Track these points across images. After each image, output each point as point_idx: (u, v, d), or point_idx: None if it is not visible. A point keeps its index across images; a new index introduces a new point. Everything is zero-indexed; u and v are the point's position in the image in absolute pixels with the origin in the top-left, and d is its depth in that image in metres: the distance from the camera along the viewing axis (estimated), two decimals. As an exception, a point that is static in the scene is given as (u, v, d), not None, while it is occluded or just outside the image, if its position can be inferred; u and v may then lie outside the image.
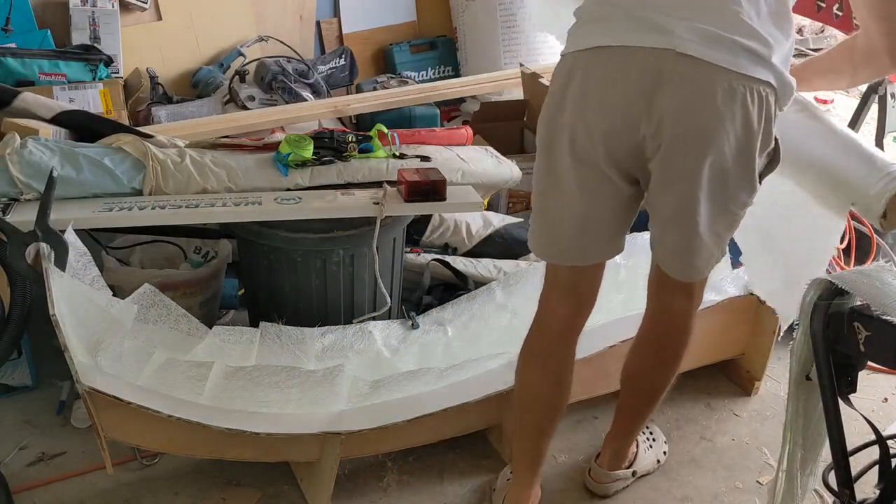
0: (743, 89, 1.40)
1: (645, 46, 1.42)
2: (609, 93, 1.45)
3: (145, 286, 1.97)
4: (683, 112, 1.41)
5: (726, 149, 1.43)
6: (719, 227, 1.53)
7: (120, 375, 1.67)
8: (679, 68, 1.40)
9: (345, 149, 2.29)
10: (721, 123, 1.41)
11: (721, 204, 1.50)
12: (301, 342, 2.09)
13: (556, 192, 1.55)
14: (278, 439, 1.74)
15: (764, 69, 1.42)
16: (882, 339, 1.27)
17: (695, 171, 1.45)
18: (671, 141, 1.44)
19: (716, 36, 1.40)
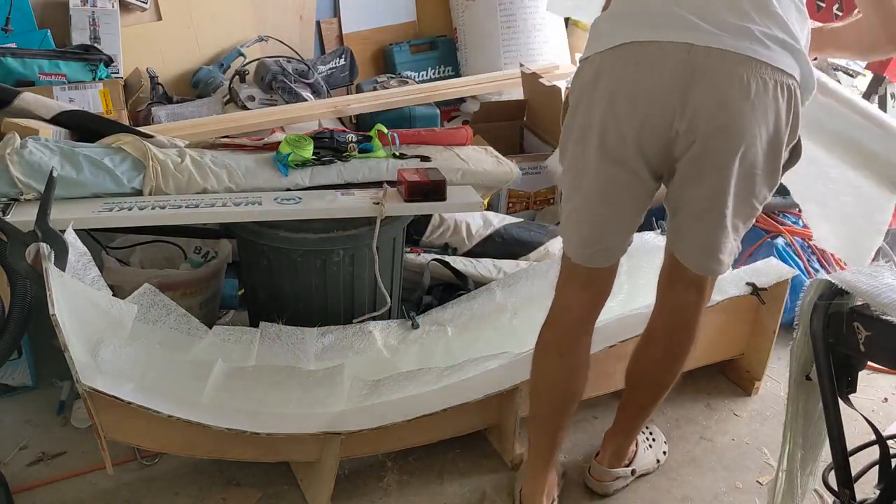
0: (774, 82, 1.42)
1: (676, 41, 1.43)
2: (641, 88, 1.46)
3: (145, 286, 1.97)
4: (718, 106, 1.43)
5: (758, 142, 1.44)
6: (739, 220, 1.54)
7: (120, 375, 1.67)
8: (712, 63, 1.41)
9: (345, 149, 2.29)
10: (754, 117, 1.43)
11: (745, 198, 1.51)
12: (301, 342, 2.09)
13: (583, 195, 1.57)
14: (278, 439, 1.74)
15: (793, 61, 1.44)
16: (882, 339, 1.27)
17: (727, 166, 1.46)
18: (705, 135, 1.45)
19: (746, 29, 1.41)
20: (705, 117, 1.43)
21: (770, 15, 1.43)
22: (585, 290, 1.66)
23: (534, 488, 1.80)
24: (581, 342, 1.69)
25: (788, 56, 1.43)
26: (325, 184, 2.21)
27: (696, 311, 1.70)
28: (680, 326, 1.72)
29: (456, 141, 2.52)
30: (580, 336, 1.69)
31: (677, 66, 1.43)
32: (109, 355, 1.70)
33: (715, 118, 1.43)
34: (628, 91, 1.47)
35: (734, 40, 1.41)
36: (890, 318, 1.25)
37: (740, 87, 1.41)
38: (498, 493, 1.92)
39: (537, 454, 1.78)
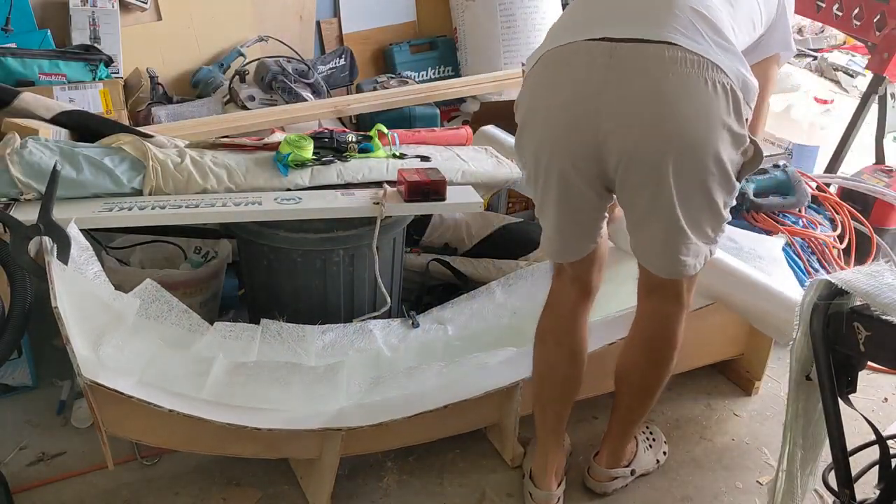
0: (707, 79, 1.38)
1: (587, 39, 1.44)
2: (561, 97, 1.49)
3: (147, 281, 1.97)
4: (637, 102, 1.41)
5: (691, 141, 1.41)
6: (699, 222, 1.52)
7: (121, 370, 1.67)
8: (634, 59, 1.40)
9: (345, 149, 2.29)
10: (684, 114, 1.40)
11: (696, 199, 1.48)
12: (302, 339, 2.10)
13: (539, 200, 1.64)
14: (279, 435, 1.74)
15: (727, 58, 1.40)
16: (882, 339, 1.27)
17: (658, 166, 1.44)
18: (631, 136, 1.43)
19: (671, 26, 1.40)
20: (629, 116, 1.42)
21: (700, 16, 1.41)
22: (575, 282, 1.74)
23: (542, 467, 1.84)
24: (576, 329, 1.76)
25: (722, 53, 1.40)
26: (325, 184, 2.21)
27: (675, 318, 1.70)
28: (658, 333, 1.72)
29: (456, 141, 2.52)
30: (574, 323, 1.76)
31: (591, 67, 1.42)
32: (111, 350, 1.70)
33: (639, 116, 1.41)
34: (551, 102, 1.50)
35: (658, 31, 1.39)
36: (890, 318, 1.25)
37: (660, 80, 1.39)
38: (498, 493, 1.92)
39: (545, 432, 1.84)
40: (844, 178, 3.01)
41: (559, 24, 1.58)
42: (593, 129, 1.45)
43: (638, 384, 1.79)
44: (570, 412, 1.85)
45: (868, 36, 2.93)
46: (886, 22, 2.83)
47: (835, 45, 5.37)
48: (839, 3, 2.99)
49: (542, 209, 1.64)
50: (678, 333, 1.71)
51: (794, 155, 3.11)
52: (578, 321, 1.76)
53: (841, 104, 3.66)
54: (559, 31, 1.54)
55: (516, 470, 1.97)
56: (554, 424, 1.83)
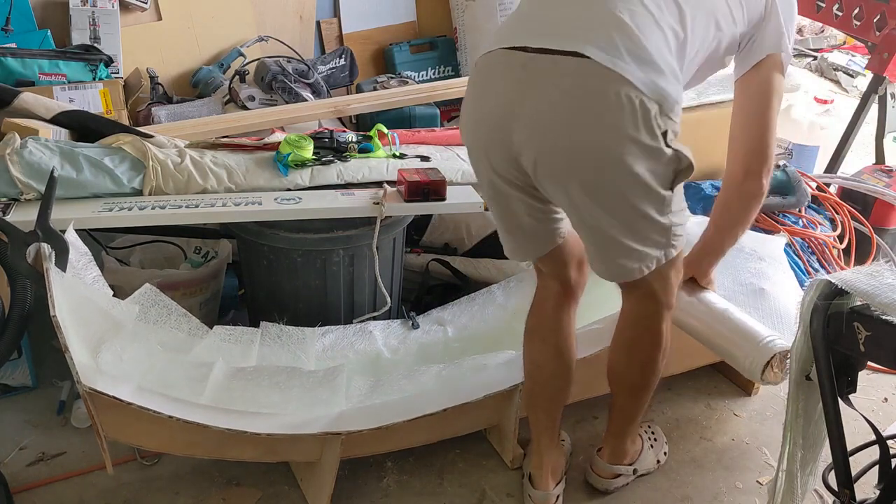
0: (610, 88, 1.37)
1: (507, 48, 1.45)
2: (481, 105, 1.50)
3: (146, 286, 1.97)
4: (546, 113, 1.41)
5: (589, 154, 1.41)
6: (640, 229, 1.49)
7: (121, 376, 1.67)
8: (545, 69, 1.40)
9: (345, 149, 2.29)
10: (580, 122, 1.40)
11: (621, 209, 1.46)
12: (301, 342, 2.09)
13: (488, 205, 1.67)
14: (278, 440, 1.74)
15: (640, 68, 1.38)
16: (882, 339, 1.27)
17: (567, 177, 1.45)
18: (541, 145, 1.44)
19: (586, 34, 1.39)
20: (537, 130, 1.43)
21: (620, 25, 1.39)
22: (554, 280, 1.75)
23: (539, 467, 1.84)
24: (560, 327, 1.76)
25: (635, 65, 1.38)
26: (325, 184, 2.21)
27: (654, 318, 1.67)
28: (639, 334, 1.70)
29: (456, 141, 2.52)
30: (558, 321, 1.76)
31: (509, 77, 1.43)
32: (110, 356, 1.70)
33: (546, 130, 1.42)
34: (475, 109, 1.52)
35: (572, 42, 1.38)
36: (890, 318, 1.25)
37: (566, 94, 1.39)
38: (498, 493, 1.92)
39: (538, 432, 1.84)
40: (844, 178, 3.02)
41: (500, 26, 1.59)
42: (509, 140, 1.46)
43: (625, 384, 1.78)
44: (561, 411, 1.85)
45: (868, 36, 2.93)
46: (886, 22, 2.83)
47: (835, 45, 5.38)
48: (839, 3, 2.99)
49: (491, 210, 1.68)
50: (660, 333, 1.69)
51: (794, 155, 3.12)
52: (562, 319, 1.76)
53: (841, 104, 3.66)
54: (497, 33, 1.54)
55: (516, 471, 1.97)
56: (546, 424, 1.83)
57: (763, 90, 1.63)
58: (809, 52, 5.30)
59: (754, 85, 1.64)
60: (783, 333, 1.96)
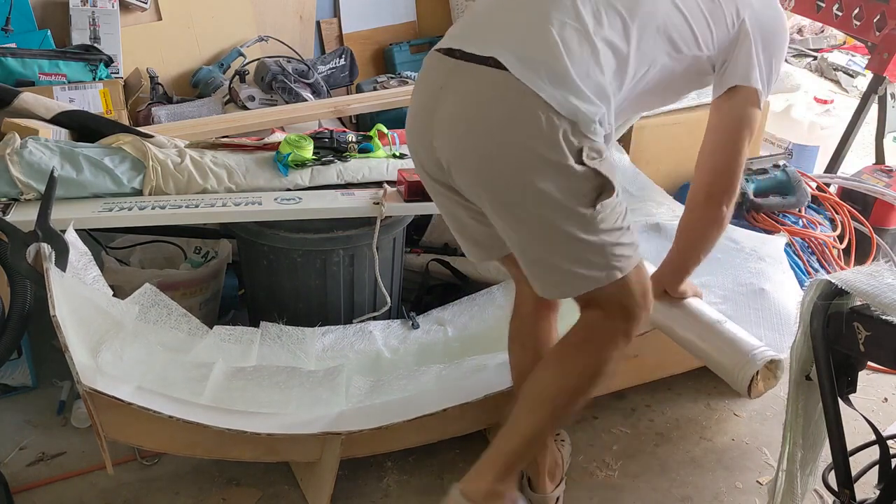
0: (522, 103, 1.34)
1: (440, 50, 1.45)
2: (412, 107, 1.50)
3: (146, 286, 1.97)
4: (457, 122, 1.40)
5: (495, 170, 1.39)
6: (570, 251, 1.43)
7: (120, 376, 1.67)
8: (459, 71, 1.40)
9: (345, 149, 2.29)
10: (487, 135, 1.37)
11: (537, 228, 1.42)
12: (301, 342, 2.10)
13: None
14: (279, 440, 1.74)
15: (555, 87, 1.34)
16: (882, 339, 1.27)
17: (480, 188, 1.43)
18: (452, 154, 1.43)
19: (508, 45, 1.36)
20: (450, 138, 1.42)
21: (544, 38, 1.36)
22: (526, 285, 1.65)
23: (534, 470, 1.83)
24: (538, 332, 1.73)
25: (550, 82, 1.34)
26: (325, 184, 2.21)
27: (600, 339, 1.52)
28: (580, 349, 1.54)
29: (456, 141, 2.52)
30: (536, 326, 1.73)
31: (433, 81, 1.44)
32: (110, 356, 1.70)
33: (458, 139, 1.41)
34: (409, 110, 1.52)
35: (494, 49, 1.36)
36: (890, 318, 1.25)
37: (475, 103, 1.38)
38: (498, 493, 1.92)
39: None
40: (844, 178, 3.01)
41: (456, 22, 1.59)
42: (431, 145, 1.46)
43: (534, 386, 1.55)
44: None
45: (868, 36, 2.93)
46: (886, 22, 2.83)
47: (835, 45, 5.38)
48: (839, 3, 2.99)
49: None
50: (602, 359, 1.52)
51: (794, 155, 3.12)
52: (540, 324, 1.73)
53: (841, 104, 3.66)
54: (449, 31, 1.54)
55: (516, 470, 1.97)
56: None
57: (733, 119, 1.58)
58: (809, 52, 5.30)
59: (725, 111, 1.59)
60: (783, 334, 1.97)
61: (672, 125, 1.66)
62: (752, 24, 1.54)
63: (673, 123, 1.64)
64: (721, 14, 1.52)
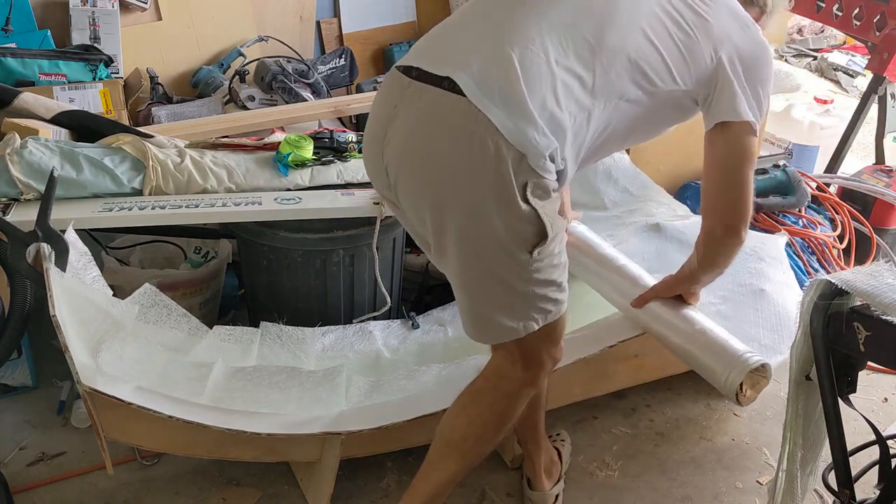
0: (473, 129, 1.29)
1: (398, 67, 1.42)
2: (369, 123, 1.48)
3: (146, 286, 1.97)
4: (405, 144, 1.38)
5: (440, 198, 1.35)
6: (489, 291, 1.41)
7: (120, 376, 1.67)
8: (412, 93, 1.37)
9: (345, 149, 2.29)
10: (432, 157, 1.34)
11: (468, 260, 1.38)
12: (301, 342, 2.09)
13: None
14: (278, 440, 1.74)
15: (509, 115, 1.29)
16: (882, 339, 1.27)
17: (422, 213, 1.40)
18: (397, 173, 1.42)
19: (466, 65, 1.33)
20: (400, 160, 1.40)
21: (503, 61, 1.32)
22: None
23: (532, 470, 1.84)
24: None
25: (504, 110, 1.29)
26: (325, 184, 2.21)
27: (506, 386, 1.51)
28: (487, 393, 1.53)
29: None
30: None
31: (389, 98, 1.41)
32: (110, 356, 1.70)
33: (407, 162, 1.38)
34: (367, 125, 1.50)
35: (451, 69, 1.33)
36: (890, 318, 1.25)
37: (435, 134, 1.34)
38: (498, 493, 1.92)
39: (523, 439, 1.84)
40: (844, 178, 3.02)
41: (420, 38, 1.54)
42: (383, 166, 1.44)
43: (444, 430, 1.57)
44: (541, 417, 1.80)
45: (868, 36, 2.93)
46: (886, 22, 2.83)
47: (835, 45, 5.38)
48: (839, 3, 2.99)
49: None
50: (508, 405, 1.52)
51: (794, 155, 3.12)
52: None
53: (841, 104, 3.66)
54: (413, 46, 1.51)
55: (516, 470, 1.97)
56: (527, 432, 1.79)
57: (731, 154, 1.53)
58: (809, 52, 5.30)
59: (720, 146, 1.54)
60: (782, 335, 1.96)
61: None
62: (730, 59, 1.49)
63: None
64: (699, 49, 1.47)
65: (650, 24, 1.42)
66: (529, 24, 1.37)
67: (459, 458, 1.55)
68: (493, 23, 1.40)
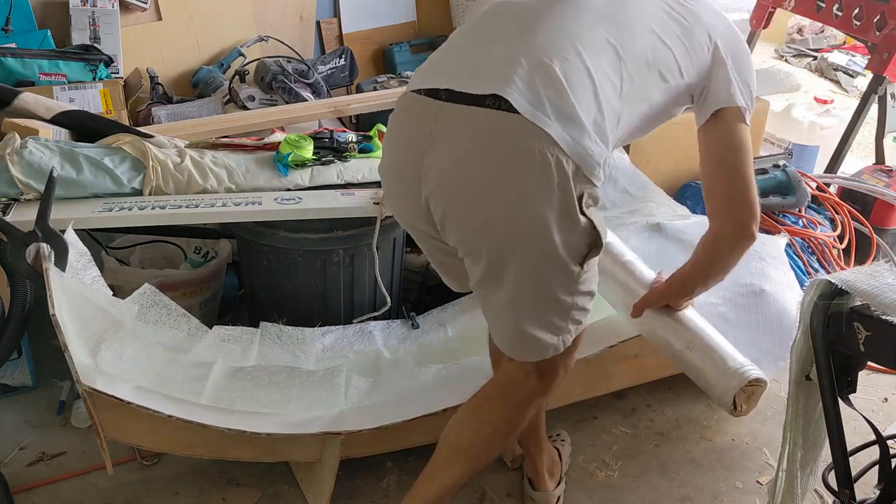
0: (528, 146, 1.26)
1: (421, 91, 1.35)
2: (392, 154, 1.42)
3: (145, 286, 1.97)
4: (452, 168, 1.31)
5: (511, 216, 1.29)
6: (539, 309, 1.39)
7: (120, 376, 1.67)
8: (449, 115, 1.30)
9: (345, 149, 2.29)
10: (489, 182, 1.28)
11: (526, 282, 1.35)
12: (301, 342, 2.09)
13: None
14: (278, 439, 1.74)
15: (563, 125, 1.26)
16: (882, 339, 1.27)
17: (476, 242, 1.34)
18: (447, 203, 1.34)
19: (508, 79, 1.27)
20: (445, 187, 1.32)
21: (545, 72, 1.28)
22: None
23: (534, 470, 1.84)
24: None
25: (558, 121, 1.26)
26: (325, 184, 2.21)
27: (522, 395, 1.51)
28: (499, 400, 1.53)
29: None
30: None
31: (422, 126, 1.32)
32: (110, 356, 1.70)
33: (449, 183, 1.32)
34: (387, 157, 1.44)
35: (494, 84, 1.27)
36: (890, 318, 1.25)
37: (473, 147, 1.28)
38: (498, 493, 1.92)
39: (525, 442, 1.83)
40: (844, 178, 3.02)
41: (426, 61, 1.46)
42: (418, 194, 1.36)
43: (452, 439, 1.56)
44: (542, 420, 1.80)
45: (868, 36, 2.93)
46: (886, 22, 2.83)
47: (835, 45, 5.38)
48: (839, 3, 2.99)
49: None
50: (521, 413, 1.52)
51: (794, 155, 3.12)
52: None
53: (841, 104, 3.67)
54: (419, 70, 1.44)
55: (516, 471, 1.97)
56: (528, 432, 1.77)
57: (727, 145, 1.51)
58: (809, 52, 5.30)
59: (714, 139, 1.52)
60: (782, 337, 1.96)
61: (671, 125, 1.63)
62: (723, 44, 1.50)
63: (672, 123, 1.62)
64: (696, 40, 1.47)
65: (657, 24, 1.43)
66: (556, 32, 1.34)
67: (466, 464, 1.55)
68: (516, 34, 1.36)
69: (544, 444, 1.85)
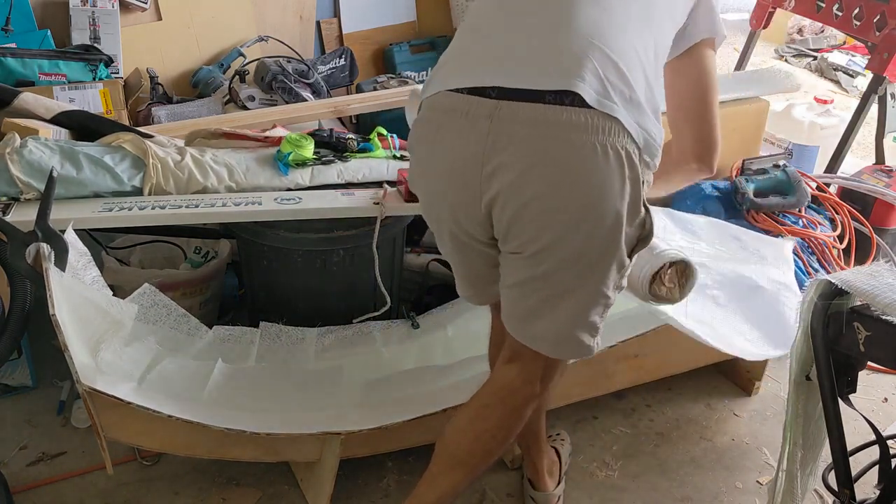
0: (599, 140, 1.21)
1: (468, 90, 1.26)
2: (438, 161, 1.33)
3: (145, 286, 1.97)
4: (524, 170, 1.24)
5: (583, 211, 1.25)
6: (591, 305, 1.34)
7: (120, 376, 1.67)
8: (509, 115, 1.22)
9: (345, 148, 2.29)
10: (563, 183, 1.23)
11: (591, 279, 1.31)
12: (301, 342, 2.10)
13: (439, 246, 1.53)
14: (278, 439, 1.74)
15: (629, 110, 1.22)
16: (882, 339, 1.27)
17: (550, 245, 1.28)
18: (518, 207, 1.26)
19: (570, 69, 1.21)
20: (511, 190, 1.25)
21: (604, 56, 1.24)
22: (497, 318, 1.65)
23: (534, 471, 1.84)
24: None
25: (625, 107, 1.22)
26: (325, 183, 2.21)
27: (520, 400, 1.49)
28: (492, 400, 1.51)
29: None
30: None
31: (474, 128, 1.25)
32: (110, 355, 1.70)
33: (522, 191, 1.25)
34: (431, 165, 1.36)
35: (558, 78, 1.21)
36: (890, 318, 1.25)
37: (545, 142, 1.22)
38: (498, 494, 1.92)
39: (525, 443, 1.83)
40: (844, 178, 3.01)
41: (451, 50, 1.37)
42: (477, 199, 1.30)
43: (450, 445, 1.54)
44: (542, 422, 1.79)
45: (868, 36, 2.93)
46: (886, 22, 2.83)
47: (835, 45, 5.38)
48: (839, 3, 2.99)
49: (444, 255, 1.53)
50: (519, 418, 1.51)
51: (794, 155, 3.11)
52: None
53: (841, 104, 3.66)
54: (448, 62, 1.35)
55: (516, 470, 1.97)
56: (528, 433, 1.77)
57: (701, 77, 1.46)
58: (809, 52, 5.30)
59: (686, 71, 1.46)
60: (782, 335, 1.96)
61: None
62: None
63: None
64: None
65: None
66: (594, 14, 1.27)
67: (466, 471, 1.53)
68: (552, 20, 1.28)
69: (544, 444, 1.85)
